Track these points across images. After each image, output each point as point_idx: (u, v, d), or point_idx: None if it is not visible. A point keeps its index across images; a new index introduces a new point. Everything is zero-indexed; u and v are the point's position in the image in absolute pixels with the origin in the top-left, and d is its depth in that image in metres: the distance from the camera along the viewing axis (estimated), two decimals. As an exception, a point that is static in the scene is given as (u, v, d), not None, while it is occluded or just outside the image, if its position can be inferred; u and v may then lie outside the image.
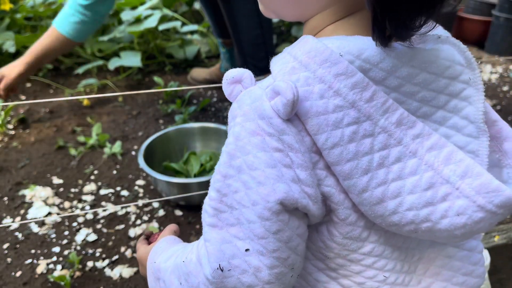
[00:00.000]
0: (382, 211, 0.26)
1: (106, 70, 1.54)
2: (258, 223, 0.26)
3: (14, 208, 0.87)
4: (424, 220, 0.25)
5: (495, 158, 0.29)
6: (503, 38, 1.67)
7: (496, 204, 0.24)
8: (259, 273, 0.27)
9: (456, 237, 0.26)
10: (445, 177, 0.24)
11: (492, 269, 0.70)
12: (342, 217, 0.28)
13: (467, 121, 0.26)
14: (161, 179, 0.79)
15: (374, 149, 0.25)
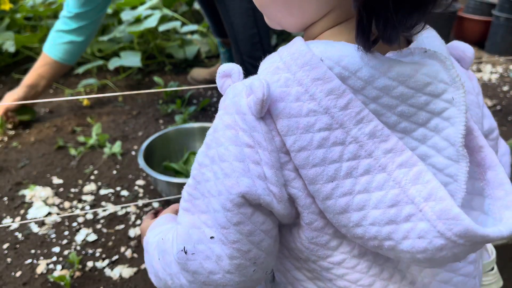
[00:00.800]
0: (346, 221, 0.25)
1: (106, 70, 1.54)
2: (221, 212, 0.27)
3: (14, 208, 0.87)
4: (386, 238, 0.24)
5: (479, 186, 0.27)
6: (503, 38, 1.67)
7: (455, 233, 0.23)
8: (221, 262, 0.28)
9: (420, 262, 0.25)
10: (411, 197, 0.23)
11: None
12: (307, 221, 0.27)
13: (448, 143, 0.25)
14: (161, 179, 0.79)
15: (343, 158, 0.24)
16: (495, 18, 1.67)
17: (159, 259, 0.33)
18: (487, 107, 0.33)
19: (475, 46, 1.80)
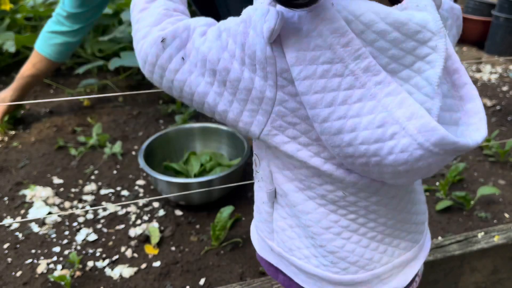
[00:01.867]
0: (339, 142, 0.29)
1: (107, 70, 1.54)
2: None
3: (14, 208, 0.87)
4: (374, 154, 0.29)
5: (456, 117, 0.32)
6: (502, 38, 1.67)
7: (432, 142, 0.27)
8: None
9: (400, 174, 0.30)
10: (396, 118, 0.28)
11: (492, 269, 0.71)
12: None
13: (427, 83, 0.29)
14: (161, 179, 0.79)
15: (341, 88, 0.28)
16: (494, 18, 1.67)
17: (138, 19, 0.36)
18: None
19: (474, 46, 1.81)
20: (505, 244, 0.68)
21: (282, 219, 0.39)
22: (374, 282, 0.38)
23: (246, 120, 0.32)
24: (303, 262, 0.38)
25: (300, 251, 0.38)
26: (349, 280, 0.37)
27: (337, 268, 0.37)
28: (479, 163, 1.01)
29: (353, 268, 0.37)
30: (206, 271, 0.71)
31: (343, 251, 0.36)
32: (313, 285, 0.39)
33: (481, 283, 0.71)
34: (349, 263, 0.37)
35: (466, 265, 0.68)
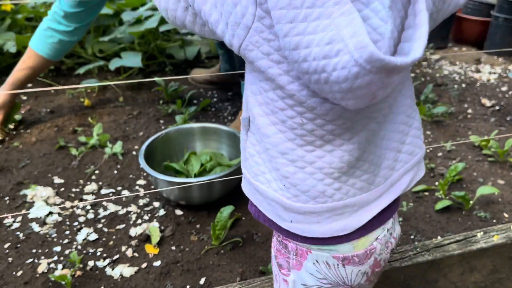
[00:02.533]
0: (297, 57, 0.32)
1: (107, 71, 1.54)
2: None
3: (15, 208, 0.87)
4: (322, 70, 0.31)
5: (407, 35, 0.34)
6: (502, 38, 1.68)
7: (364, 59, 0.28)
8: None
9: (346, 94, 0.31)
10: (342, 36, 0.29)
11: (491, 268, 0.71)
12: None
13: (382, 6, 0.31)
14: (162, 178, 0.80)
15: (304, 6, 0.31)
16: (494, 19, 1.67)
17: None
18: None
19: (474, 47, 1.81)
20: (504, 244, 0.68)
21: (252, 145, 0.41)
22: (325, 216, 0.38)
23: (229, 33, 0.35)
24: (265, 186, 0.40)
25: (264, 175, 0.40)
26: (299, 207, 0.38)
27: (289, 193, 0.38)
28: (478, 163, 1.01)
29: (304, 197, 0.37)
30: (206, 270, 0.71)
31: (295, 178, 0.37)
32: (271, 212, 0.41)
33: (481, 283, 0.72)
34: (300, 191, 0.37)
35: (465, 265, 0.68)
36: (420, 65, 1.62)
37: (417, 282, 0.66)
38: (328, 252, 0.40)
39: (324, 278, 0.41)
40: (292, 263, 0.42)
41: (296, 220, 0.38)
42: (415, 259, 0.64)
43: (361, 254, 0.40)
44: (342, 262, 0.40)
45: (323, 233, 0.38)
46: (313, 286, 0.42)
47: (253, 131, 0.40)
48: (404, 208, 0.85)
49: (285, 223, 0.40)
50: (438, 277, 0.67)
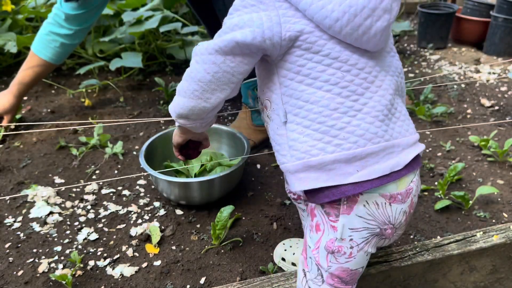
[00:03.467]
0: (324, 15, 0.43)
1: (108, 71, 1.55)
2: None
3: (15, 208, 0.87)
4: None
5: None
6: (501, 38, 1.68)
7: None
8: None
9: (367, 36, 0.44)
10: None
11: (491, 268, 0.71)
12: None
13: None
14: (162, 178, 0.80)
15: None
16: (493, 19, 1.68)
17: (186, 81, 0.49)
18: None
19: (473, 47, 1.81)
20: (503, 244, 0.68)
21: (293, 131, 0.47)
22: (381, 155, 0.45)
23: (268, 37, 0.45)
24: (320, 156, 0.45)
25: (315, 147, 0.45)
26: (361, 152, 0.44)
27: (349, 143, 0.44)
28: (477, 163, 1.02)
29: (362, 141, 0.44)
30: (206, 270, 0.71)
31: (351, 126, 0.44)
32: (332, 177, 0.45)
33: (480, 283, 0.72)
34: (357, 136, 0.44)
35: (464, 265, 0.68)
36: (420, 65, 1.63)
37: (416, 282, 0.66)
38: (377, 192, 0.46)
39: (373, 219, 0.46)
40: (342, 209, 0.47)
41: (360, 166, 0.44)
42: (415, 258, 0.64)
43: (403, 193, 0.47)
44: (389, 201, 0.46)
45: (383, 171, 0.45)
46: (360, 228, 0.47)
47: (291, 118, 0.47)
48: (403, 208, 0.86)
49: (350, 177, 0.45)
50: (438, 276, 0.68)
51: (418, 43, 1.84)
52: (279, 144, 0.49)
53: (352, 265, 0.49)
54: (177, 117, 0.51)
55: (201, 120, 0.52)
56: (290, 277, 0.61)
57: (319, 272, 0.50)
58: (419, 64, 1.65)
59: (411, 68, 1.60)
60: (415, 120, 1.21)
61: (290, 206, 0.87)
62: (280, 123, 0.48)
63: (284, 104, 0.47)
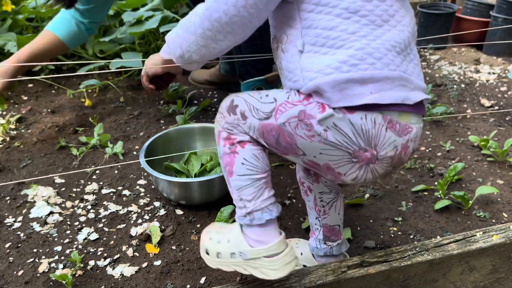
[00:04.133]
0: None
1: (108, 71, 1.55)
2: None
3: (16, 208, 0.87)
4: None
5: None
6: (501, 39, 1.68)
7: None
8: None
9: None
10: None
11: (490, 268, 0.71)
12: None
13: None
14: (162, 178, 0.80)
15: None
16: (493, 19, 1.68)
17: (181, 29, 0.50)
18: None
19: (473, 47, 1.82)
20: (503, 244, 0.69)
21: (309, 58, 0.46)
22: (396, 83, 0.45)
23: None
24: (334, 74, 0.44)
25: (329, 66, 0.44)
26: (377, 74, 0.44)
27: (366, 64, 0.44)
28: (477, 162, 1.02)
29: (379, 64, 0.44)
30: (206, 270, 0.71)
31: (370, 48, 0.44)
32: (344, 99, 0.44)
33: (480, 283, 0.72)
34: (375, 59, 0.44)
35: (464, 265, 0.68)
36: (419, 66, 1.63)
37: (416, 282, 0.66)
38: (381, 113, 0.45)
39: (361, 134, 0.45)
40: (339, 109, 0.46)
41: (375, 89, 0.44)
42: (414, 258, 0.64)
43: (403, 125, 0.46)
44: (387, 125, 0.45)
45: (396, 98, 0.44)
46: (343, 132, 0.45)
47: (310, 45, 0.46)
48: (403, 208, 0.86)
49: (364, 98, 0.43)
50: (438, 276, 0.68)
51: (417, 43, 1.84)
52: (291, 71, 0.47)
53: (299, 144, 0.48)
54: (180, 55, 0.50)
55: (202, 62, 0.51)
56: (290, 277, 0.61)
57: (250, 116, 0.50)
58: (419, 64, 1.65)
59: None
60: (415, 120, 1.21)
61: (290, 206, 0.87)
62: (295, 52, 0.46)
63: (303, 37, 0.46)
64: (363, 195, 0.90)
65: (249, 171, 0.51)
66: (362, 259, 0.62)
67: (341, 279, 0.59)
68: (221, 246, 0.54)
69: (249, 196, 0.51)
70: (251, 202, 0.51)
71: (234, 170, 0.51)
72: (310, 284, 0.58)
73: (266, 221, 0.52)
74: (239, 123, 0.50)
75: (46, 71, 1.53)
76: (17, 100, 1.36)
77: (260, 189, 0.51)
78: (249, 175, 0.51)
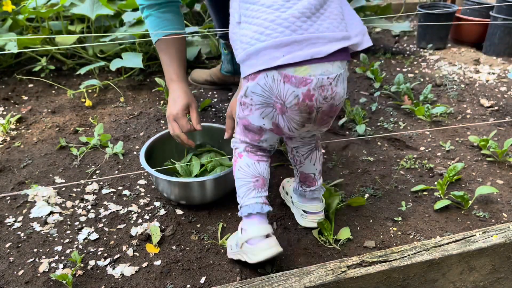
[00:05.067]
0: None
1: (108, 71, 1.55)
2: None
3: (16, 208, 0.87)
4: None
5: None
6: (500, 39, 1.68)
7: None
8: None
9: None
10: None
11: (490, 268, 0.71)
12: None
13: None
14: (162, 178, 0.80)
15: None
16: (492, 19, 1.68)
17: None
18: None
19: (472, 48, 1.82)
20: (503, 244, 0.69)
21: (243, 28, 0.58)
22: (304, 44, 0.56)
23: None
24: (256, 45, 0.56)
25: (253, 38, 0.57)
26: (287, 40, 0.55)
27: (277, 32, 0.55)
28: (477, 162, 1.02)
29: (287, 31, 0.55)
30: (206, 270, 0.71)
31: (280, 19, 0.55)
32: (264, 63, 0.56)
33: (479, 282, 0.72)
34: (284, 27, 0.55)
35: (464, 265, 0.68)
36: (419, 66, 1.63)
37: (416, 282, 0.67)
38: (277, 71, 0.57)
39: (268, 90, 0.58)
40: (249, 77, 0.60)
41: (286, 52, 0.55)
42: (414, 258, 0.64)
43: (299, 78, 0.56)
44: (283, 79, 0.57)
45: (305, 57, 0.55)
46: (258, 93, 0.60)
47: (244, 16, 0.58)
48: (403, 208, 0.86)
49: (277, 60, 0.55)
50: (437, 276, 0.68)
51: (417, 44, 1.85)
52: (234, 41, 0.60)
53: (251, 119, 0.64)
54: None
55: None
56: (290, 276, 0.61)
57: (237, 121, 0.68)
58: (418, 64, 1.65)
59: (410, 68, 1.60)
60: (415, 120, 1.21)
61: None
62: (235, 23, 0.59)
63: (240, 9, 0.59)
64: (363, 195, 0.90)
65: (242, 175, 0.68)
66: (362, 259, 0.62)
67: (341, 279, 0.59)
68: (232, 239, 0.72)
69: (242, 193, 0.68)
70: (242, 198, 0.68)
71: (235, 174, 0.70)
72: (310, 284, 0.58)
73: (248, 213, 0.66)
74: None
75: (46, 71, 1.53)
76: (18, 100, 1.36)
77: (249, 189, 0.67)
78: (242, 178, 0.68)
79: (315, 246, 0.76)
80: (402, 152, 1.06)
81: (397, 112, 1.26)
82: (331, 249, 0.75)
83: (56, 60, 1.64)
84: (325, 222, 0.76)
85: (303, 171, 0.75)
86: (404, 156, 1.04)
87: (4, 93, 1.40)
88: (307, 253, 0.74)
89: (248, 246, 0.65)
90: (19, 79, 1.50)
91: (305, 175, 0.75)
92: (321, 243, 0.76)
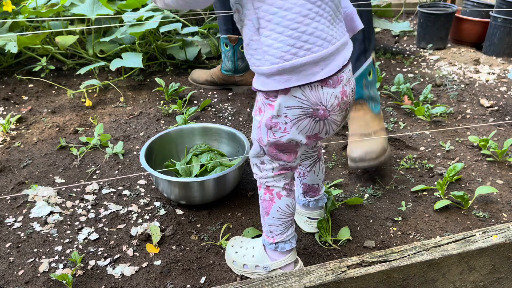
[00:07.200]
0: None
1: (108, 71, 1.55)
2: None
3: (16, 208, 0.87)
4: None
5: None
6: (500, 39, 1.68)
7: None
8: None
9: None
10: None
11: (490, 268, 0.71)
12: None
13: None
14: (162, 178, 0.80)
15: None
16: (492, 19, 1.68)
17: None
18: None
19: (472, 47, 1.82)
20: (503, 243, 0.69)
21: (267, 37, 0.52)
22: (336, 53, 0.53)
23: None
24: (293, 60, 0.51)
25: (288, 53, 0.51)
26: (325, 53, 0.52)
27: (317, 46, 0.51)
28: (477, 162, 1.02)
29: (326, 43, 0.52)
30: (206, 269, 0.71)
31: (318, 30, 0.51)
32: (303, 78, 0.52)
33: (479, 282, 0.72)
34: (323, 40, 0.52)
35: (464, 264, 0.68)
36: (419, 66, 1.63)
37: (416, 282, 0.67)
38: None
39: (306, 99, 0.54)
40: (280, 91, 0.54)
41: (324, 65, 0.53)
42: (414, 258, 0.64)
43: (334, 78, 0.54)
44: (321, 84, 0.54)
45: (338, 66, 0.53)
46: (294, 106, 0.54)
47: (264, 24, 0.51)
48: (403, 208, 0.86)
49: (317, 75, 0.52)
50: (437, 276, 0.68)
51: (417, 44, 1.85)
52: (254, 49, 0.54)
53: (286, 139, 0.57)
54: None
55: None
56: (290, 276, 0.61)
57: (261, 148, 0.60)
58: (418, 64, 1.65)
59: (410, 68, 1.60)
60: (415, 120, 1.21)
61: (290, 206, 0.87)
62: (253, 29, 0.53)
63: (256, 10, 0.51)
64: (362, 195, 0.90)
65: (281, 216, 0.65)
66: (362, 259, 0.62)
67: (341, 279, 0.59)
68: (246, 259, 0.69)
69: (278, 231, 0.65)
70: (278, 235, 0.65)
71: (270, 213, 0.65)
72: (310, 284, 0.58)
73: (286, 250, 0.66)
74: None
75: (46, 71, 1.53)
76: (18, 100, 1.36)
77: (286, 227, 0.65)
78: (281, 218, 0.65)
79: (315, 246, 0.76)
80: (402, 152, 1.06)
81: (397, 112, 1.26)
82: (331, 249, 0.75)
83: (56, 60, 1.64)
84: (324, 222, 0.76)
85: (306, 183, 0.75)
86: (404, 156, 1.04)
87: (4, 93, 1.40)
88: (307, 253, 0.74)
89: (282, 272, 0.65)
90: (19, 79, 1.50)
91: (309, 185, 0.75)
92: (321, 244, 0.76)
